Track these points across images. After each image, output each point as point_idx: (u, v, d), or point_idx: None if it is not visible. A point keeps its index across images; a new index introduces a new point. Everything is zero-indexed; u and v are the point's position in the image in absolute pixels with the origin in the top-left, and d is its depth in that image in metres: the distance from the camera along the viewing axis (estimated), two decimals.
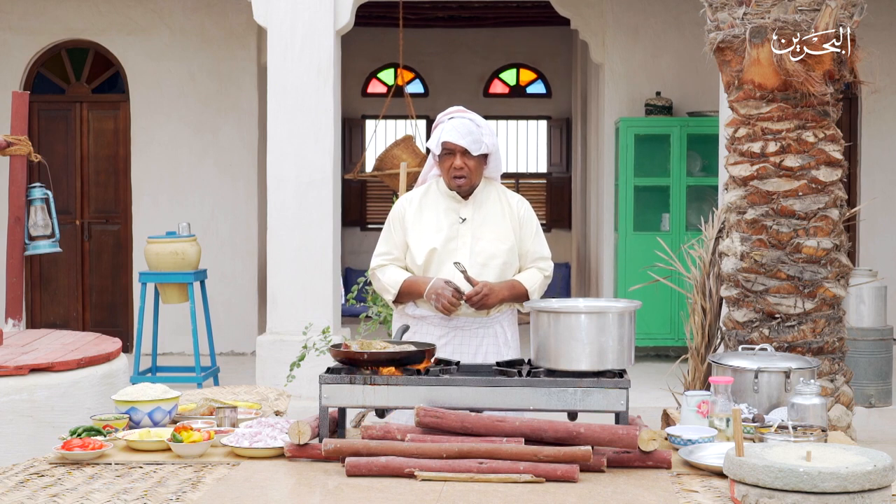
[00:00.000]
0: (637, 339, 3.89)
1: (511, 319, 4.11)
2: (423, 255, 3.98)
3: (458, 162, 3.95)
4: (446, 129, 3.96)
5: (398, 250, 4.07)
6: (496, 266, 3.98)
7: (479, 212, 4.04)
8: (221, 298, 9.96)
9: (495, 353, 4.01)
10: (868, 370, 7.38)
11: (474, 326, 4.01)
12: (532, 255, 4.07)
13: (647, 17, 9.99)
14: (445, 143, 3.95)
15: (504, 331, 4.06)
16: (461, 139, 3.92)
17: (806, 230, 4.56)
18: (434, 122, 4.10)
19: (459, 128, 3.95)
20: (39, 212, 6.19)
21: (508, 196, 4.10)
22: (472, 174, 3.99)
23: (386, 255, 4.10)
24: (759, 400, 3.73)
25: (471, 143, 3.93)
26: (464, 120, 3.98)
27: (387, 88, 14.14)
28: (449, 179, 4.01)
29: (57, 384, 4.46)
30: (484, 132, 3.98)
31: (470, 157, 3.96)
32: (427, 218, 4.04)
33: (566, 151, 14.43)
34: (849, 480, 2.50)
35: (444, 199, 4.07)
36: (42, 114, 10.31)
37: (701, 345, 4.97)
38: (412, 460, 2.97)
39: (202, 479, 2.98)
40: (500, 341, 4.04)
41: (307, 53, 7.89)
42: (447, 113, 4.07)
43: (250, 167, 10.23)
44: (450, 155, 3.97)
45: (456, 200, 4.05)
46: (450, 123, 3.98)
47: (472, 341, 4.00)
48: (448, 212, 4.04)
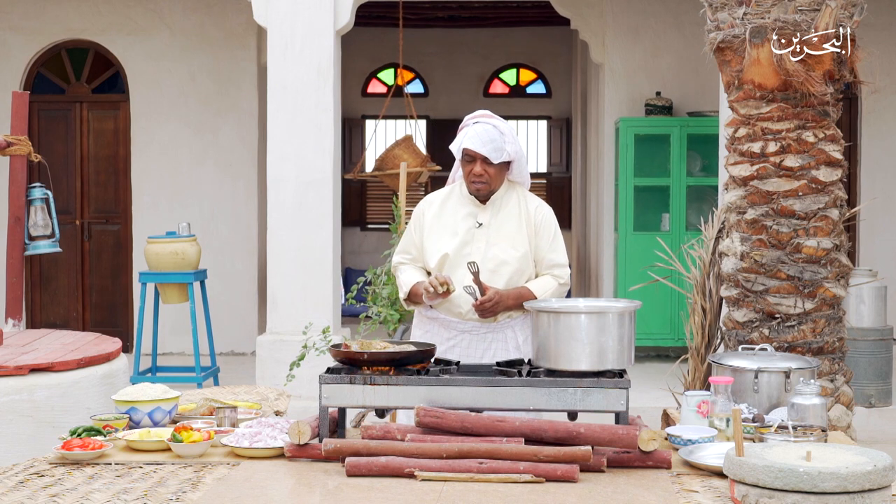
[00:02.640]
0: (637, 339, 3.88)
1: (524, 324, 4.04)
2: (435, 260, 4.00)
3: (477, 169, 3.94)
4: (468, 136, 3.93)
5: (416, 250, 4.10)
6: (506, 273, 3.97)
7: (496, 217, 4.02)
8: (221, 298, 9.95)
9: (504, 357, 3.95)
10: (868, 370, 7.37)
11: (483, 331, 3.99)
12: (547, 262, 4.04)
13: (647, 17, 9.99)
14: (466, 149, 3.94)
15: (515, 335, 4.02)
16: (482, 147, 3.90)
17: (806, 230, 4.56)
18: (460, 125, 4.07)
19: (482, 134, 3.92)
20: (39, 212, 6.18)
21: (528, 201, 4.07)
22: (492, 181, 3.97)
23: (406, 253, 4.14)
24: (759, 400, 3.73)
25: (491, 151, 3.91)
26: (487, 126, 3.95)
27: (387, 88, 14.14)
28: (468, 185, 4.00)
29: (57, 384, 4.46)
30: (507, 139, 3.95)
31: (490, 165, 3.94)
32: (445, 221, 4.05)
33: (566, 151, 14.43)
34: (849, 480, 2.50)
35: (464, 202, 4.06)
36: (42, 114, 10.31)
37: (701, 345, 4.97)
38: (412, 460, 2.97)
39: (202, 479, 2.98)
40: (509, 346, 4.00)
41: (307, 53, 7.89)
42: (473, 117, 4.05)
43: (250, 167, 10.23)
44: (470, 161, 3.96)
45: (475, 205, 4.04)
46: (473, 129, 3.95)
47: (479, 345, 3.98)
48: (466, 216, 4.04)
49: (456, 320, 3.99)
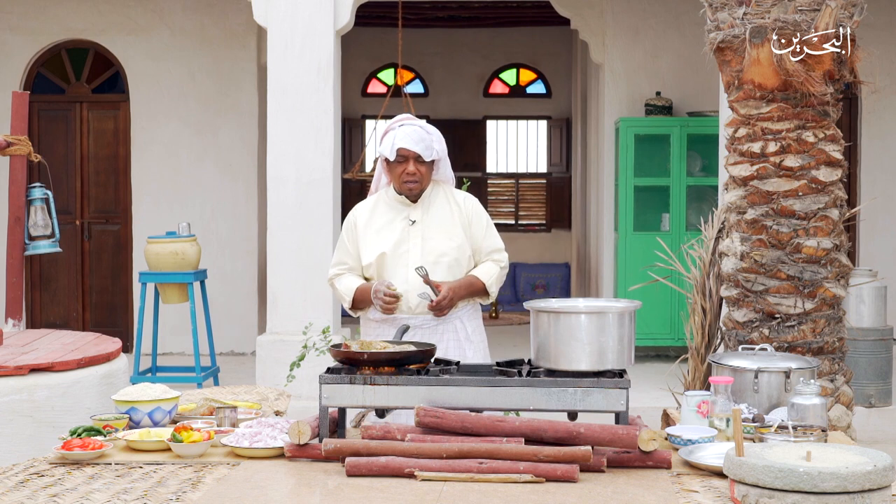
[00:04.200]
0: (637, 339, 3.88)
1: (471, 314, 4.20)
2: (372, 260, 4.11)
3: (410, 168, 4.09)
4: (399, 136, 4.09)
5: (352, 259, 4.21)
6: (445, 263, 4.10)
7: (427, 213, 4.16)
8: (221, 298, 9.95)
9: (457, 347, 4.10)
10: (868, 370, 7.37)
11: (432, 324, 4.09)
12: (486, 249, 4.21)
13: (647, 17, 9.99)
14: (401, 149, 4.08)
15: (464, 325, 4.15)
16: (415, 145, 4.07)
17: (806, 230, 4.56)
18: (383, 130, 4.21)
19: (412, 134, 4.08)
20: (39, 212, 6.18)
21: (456, 195, 4.24)
22: (424, 179, 4.13)
23: (341, 264, 4.25)
24: (759, 400, 3.73)
25: (423, 150, 4.08)
26: (415, 127, 4.13)
27: (387, 88, 14.14)
28: (400, 185, 4.14)
29: (57, 384, 4.46)
30: (434, 138, 4.13)
31: (422, 163, 4.10)
32: (378, 225, 4.18)
33: (566, 151, 14.43)
34: (849, 480, 2.50)
35: (393, 205, 4.20)
36: (42, 114, 10.31)
37: (701, 345, 4.97)
38: (412, 460, 2.97)
39: (202, 479, 2.98)
40: (460, 336, 4.13)
41: (307, 53, 7.88)
42: (397, 120, 4.19)
43: (250, 167, 10.23)
44: (403, 161, 4.09)
45: (405, 204, 4.18)
46: (401, 130, 4.11)
47: (431, 337, 4.05)
48: (398, 217, 4.17)
49: (406, 317, 4.07)
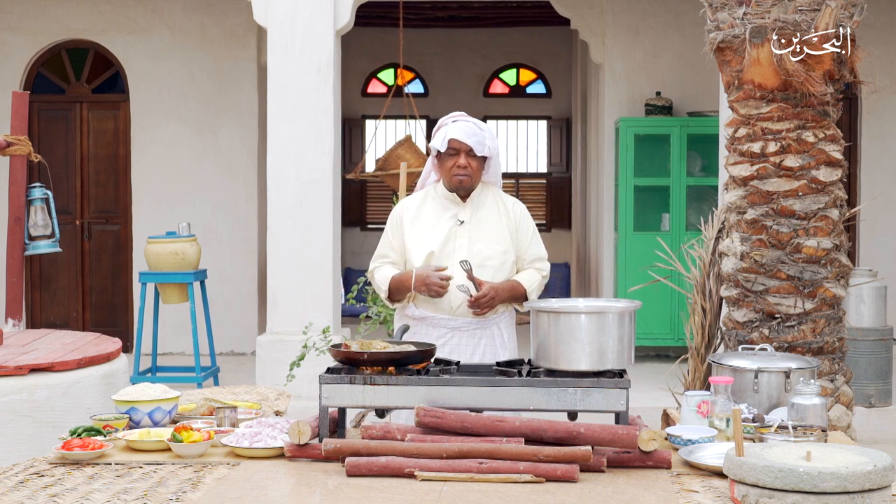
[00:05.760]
0: (637, 339, 3.89)
1: (508, 321, 4.18)
2: (421, 258, 4.06)
3: (462, 160, 4.05)
4: (451, 129, 4.06)
5: (395, 253, 4.16)
6: (492, 267, 4.06)
7: (476, 214, 4.12)
8: (221, 298, 9.95)
9: (492, 354, 4.07)
10: (868, 370, 7.37)
11: (472, 327, 4.06)
12: (529, 257, 4.16)
13: (647, 17, 9.99)
14: (452, 140, 4.05)
15: (501, 332, 4.12)
16: (467, 138, 4.03)
17: (806, 230, 4.56)
18: (436, 126, 4.19)
19: (465, 129, 4.06)
20: (39, 212, 6.18)
21: (505, 199, 4.20)
22: (475, 174, 4.09)
23: (383, 257, 4.20)
24: (759, 400, 3.73)
25: (476, 144, 4.04)
26: (468, 122, 4.11)
27: (387, 88, 14.14)
28: (450, 178, 4.09)
29: (57, 384, 4.46)
30: (486, 135, 4.09)
31: (473, 158, 4.06)
32: (425, 221, 4.12)
33: (566, 151, 14.43)
34: (849, 480, 2.50)
35: (442, 202, 4.15)
36: (42, 114, 10.31)
37: (701, 345, 4.97)
38: (412, 460, 2.97)
39: (202, 479, 2.98)
40: (496, 343, 4.10)
41: (307, 53, 7.88)
42: (450, 116, 4.18)
43: (250, 167, 10.23)
44: (454, 154, 4.06)
45: (454, 203, 4.13)
46: (454, 125, 4.08)
47: (469, 342, 4.04)
48: (446, 214, 4.12)
49: (446, 317, 4.05)
